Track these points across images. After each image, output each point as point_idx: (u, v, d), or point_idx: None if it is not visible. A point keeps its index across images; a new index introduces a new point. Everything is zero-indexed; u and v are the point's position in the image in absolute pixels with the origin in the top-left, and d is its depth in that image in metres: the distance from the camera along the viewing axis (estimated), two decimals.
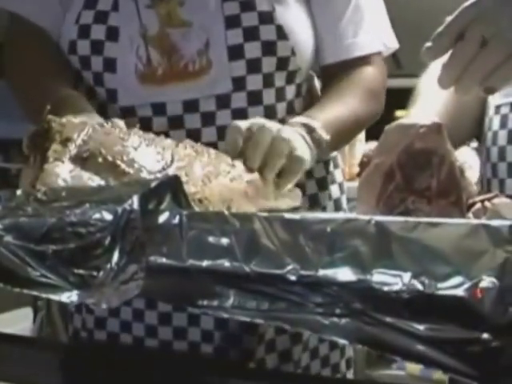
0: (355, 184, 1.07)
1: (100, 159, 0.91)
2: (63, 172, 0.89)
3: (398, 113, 2.57)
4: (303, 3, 1.26)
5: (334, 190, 1.36)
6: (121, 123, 1.00)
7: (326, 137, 1.14)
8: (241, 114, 1.20)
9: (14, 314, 2.63)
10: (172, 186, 0.73)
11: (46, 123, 0.95)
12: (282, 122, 1.23)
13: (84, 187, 0.83)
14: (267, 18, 1.20)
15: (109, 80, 1.23)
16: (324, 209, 1.33)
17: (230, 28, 1.19)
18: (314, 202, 1.31)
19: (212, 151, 1.03)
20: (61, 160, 0.90)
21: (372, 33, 1.29)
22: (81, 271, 0.72)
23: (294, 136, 1.08)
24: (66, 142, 0.92)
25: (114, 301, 0.70)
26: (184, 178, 0.91)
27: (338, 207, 1.36)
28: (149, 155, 0.94)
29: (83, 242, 0.71)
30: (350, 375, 1.37)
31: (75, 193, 0.74)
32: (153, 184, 0.71)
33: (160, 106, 1.20)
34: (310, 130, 1.13)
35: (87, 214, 0.70)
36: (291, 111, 1.26)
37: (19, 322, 2.36)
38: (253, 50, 1.19)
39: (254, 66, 1.20)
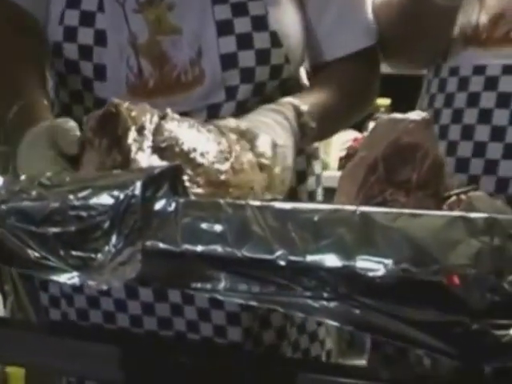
0: (329, 173, 1.10)
1: (177, 149, 0.91)
2: (150, 162, 0.89)
3: (380, 101, 2.55)
4: (296, 3, 1.23)
5: (311, 182, 1.34)
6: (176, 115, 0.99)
7: (313, 124, 1.12)
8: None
9: None
10: (171, 175, 0.77)
11: (113, 107, 0.94)
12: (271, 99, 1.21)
13: (88, 174, 0.86)
14: (261, 23, 1.17)
15: (99, 88, 1.20)
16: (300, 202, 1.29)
17: (222, 35, 1.16)
18: (292, 196, 1.28)
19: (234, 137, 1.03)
20: (142, 149, 0.91)
21: (368, 25, 1.26)
22: (80, 253, 0.76)
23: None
24: (141, 130, 0.92)
25: (113, 282, 0.74)
26: (238, 167, 0.93)
27: (312, 199, 1.33)
28: (214, 146, 0.94)
29: (83, 225, 0.75)
30: None
31: (79, 178, 0.78)
32: (155, 171, 0.75)
33: None
34: (299, 113, 1.11)
35: (89, 198, 0.74)
36: None
37: None
38: (247, 58, 1.17)
39: (247, 76, 1.17)
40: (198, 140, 0.93)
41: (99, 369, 1.04)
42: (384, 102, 2.61)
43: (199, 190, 0.86)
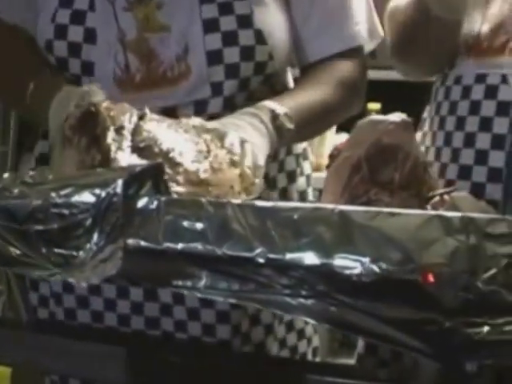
0: (322, 175, 1.11)
1: (156, 149, 0.93)
2: (130, 161, 0.90)
3: (371, 105, 2.59)
4: (281, 2, 1.25)
5: (301, 182, 1.35)
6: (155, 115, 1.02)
7: (290, 126, 1.14)
8: (215, 118, 1.16)
9: None
10: (153, 173, 0.78)
11: (92, 107, 0.96)
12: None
13: (70, 172, 0.86)
14: (246, 21, 1.19)
15: (86, 84, 1.19)
16: (291, 201, 1.30)
17: (208, 32, 1.19)
18: (284, 196, 1.30)
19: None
20: (121, 149, 0.92)
21: (353, 26, 1.27)
22: (62, 251, 0.77)
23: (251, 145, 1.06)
24: (120, 129, 0.94)
25: (93, 279, 0.75)
26: (217, 166, 0.94)
27: (303, 199, 1.35)
28: (192, 145, 0.96)
29: (65, 222, 0.75)
30: None
31: (62, 177, 0.79)
32: (136, 170, 0.76)
33: None
34: (275, 116, 1.13)
35: (71, 196, 0.75)
36: None
37: None
38: (232, 55, 1.19)
39: (232, 71, 1.20)
40: (177, 140, 0.95)
41: (87, 368, 1.04)
42: (374, 106, 2.65)
43: (179, 189, 0.87)
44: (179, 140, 0.95)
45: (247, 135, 1.06)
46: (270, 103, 1.15)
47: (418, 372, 0.87)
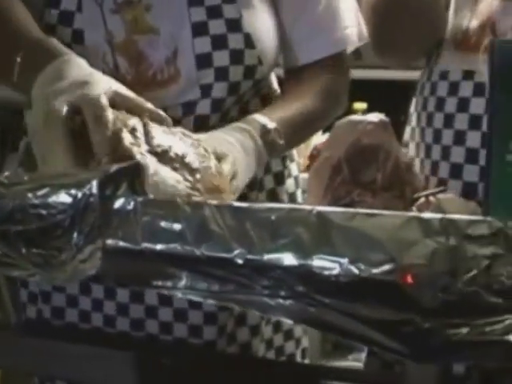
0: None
1: (171, 154, 0.92)
2: (156, 167, 0.89)
3: (356, 105, 2.60)
4: (269, 6, 1.26)
5: (290, 183, 1.36)
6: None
7: (280, 141, 1.15)
8: (203, 120, 1.20)
9: None
10: (129, 174, 0.78)
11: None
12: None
13: (46, 172, 0.86)
14: (235, 25, 1.20)
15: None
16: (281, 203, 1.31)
17: (197, 36, 1.19)
18: (272, 197, 1.31)
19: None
20: (143, 154, 0.90)
21: (343, 30, 1.28)
22: (41, 251, 0.77)
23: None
24: (133, 131, 0.92)
25: (73, 279, 0.75)
26: (220, 170, 0.94)
27: (293, 201, 1.36)
28: (193, 150, 0.95)
29: (44, 223, 0.75)
30: None
31: (37, 177, 0.79)
32: (111, 170, 0.76)
33: None
34: (265, 131, 1.14)
35: (48, 196, 0.74)
36: (246, 111, 1.25)
37: None
38: (221, 58, 1.19)
39: (221, 74, 1.20)
40: (182, 145, 0.94)
41: (78, 370, 1.04)
42: (360, 106, 2.66)
43: (199, 199, 0.86)
44: (183, 145, 0.94)
45: (234, 151, 1.06)
46: (260, 117, 1.16)
47: (406, 374, 0.87)
